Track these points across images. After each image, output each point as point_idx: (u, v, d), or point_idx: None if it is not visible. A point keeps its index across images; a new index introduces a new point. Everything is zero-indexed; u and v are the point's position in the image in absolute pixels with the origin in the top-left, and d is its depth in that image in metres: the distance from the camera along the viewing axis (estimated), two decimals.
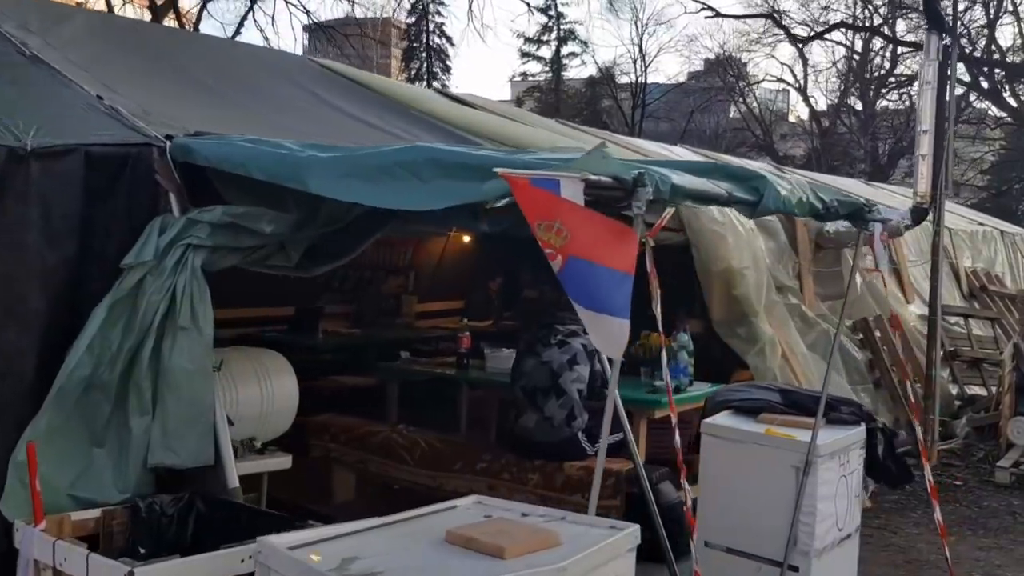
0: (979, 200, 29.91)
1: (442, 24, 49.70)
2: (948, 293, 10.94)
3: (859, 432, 4.05)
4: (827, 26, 29.70)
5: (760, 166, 10.39)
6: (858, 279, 8.25)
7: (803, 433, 3.82)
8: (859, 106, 35.03)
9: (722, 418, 4.07)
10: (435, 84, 48.84)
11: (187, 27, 25.18)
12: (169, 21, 23.74)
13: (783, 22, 30.74)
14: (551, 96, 46.70)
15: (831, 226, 7.75)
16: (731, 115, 37.72)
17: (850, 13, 30.29)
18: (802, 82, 35.12)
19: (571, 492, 4.96)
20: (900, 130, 34.75)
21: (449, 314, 10.25)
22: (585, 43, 55.85)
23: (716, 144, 36.93)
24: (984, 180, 31.92)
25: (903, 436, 5.22)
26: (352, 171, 3.02)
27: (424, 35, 48.99)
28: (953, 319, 10.15)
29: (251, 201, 3.34)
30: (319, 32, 27.94)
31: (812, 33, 30.37)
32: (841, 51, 33.40)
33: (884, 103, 34.58)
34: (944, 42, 7.28)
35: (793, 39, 30.51)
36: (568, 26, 45.40)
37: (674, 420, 3.36)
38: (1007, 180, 30.00)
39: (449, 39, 50.84)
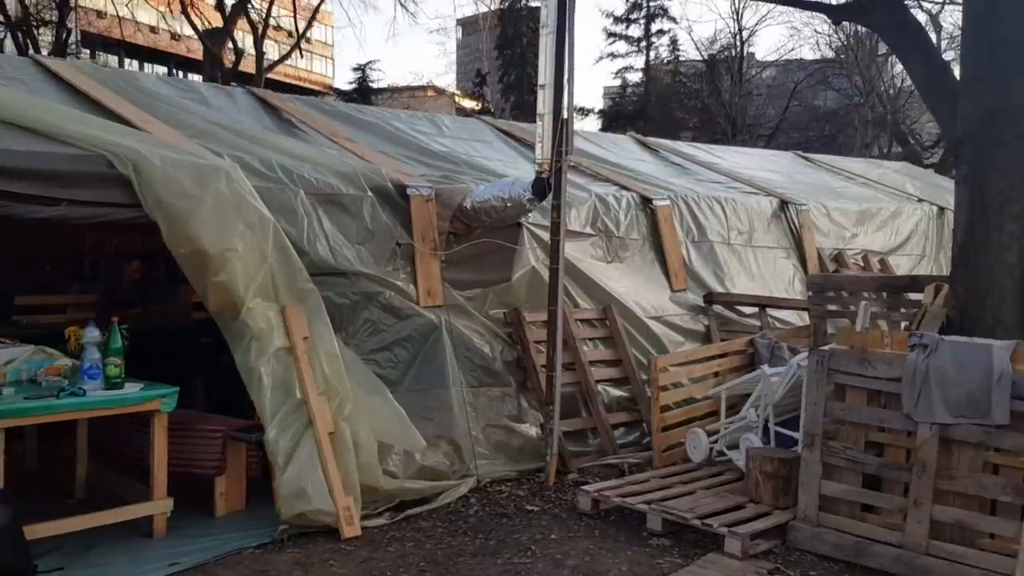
0: None
1: (536, 8, 49.12)
2: (776, 280, 9.47)
3: None
4: None
5: None
6: (532, 263, 7.09)
7: None
8: None
9: None
10: (528, 70, 48.51)
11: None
12: None
13: None
14: (642, 76, 45.25)
15: (471, 201, 6.70)
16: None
17: None
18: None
19: None
20: None
21: None
22: (675, 19, 53.83)
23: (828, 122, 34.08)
24: None
25: None
26: None
27: (517, 21, 48.65)
28: (749, 309, 8.71)
29: None
30: None
31: None
32: None
33: None
34: None
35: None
36: (659, 1, 43.83)
37: None
38: None
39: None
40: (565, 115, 6.12)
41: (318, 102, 9.88)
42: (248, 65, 27.23)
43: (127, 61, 46.91)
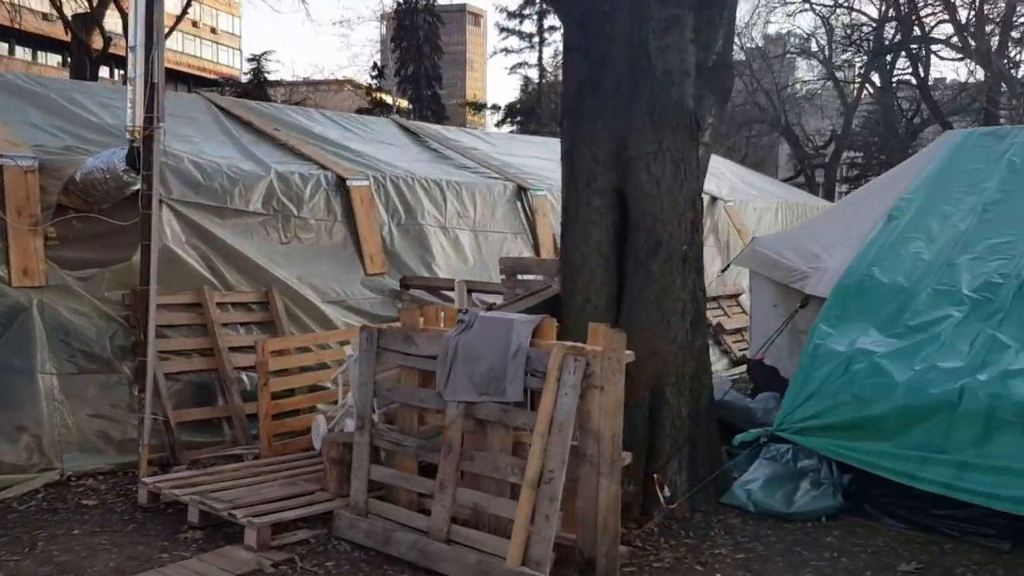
0: None
1: (432, 2, 48.54)
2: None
3: None
4: None
5: None
6: (167, 241, 6.65)
7: None
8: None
9: None
10: (425, 64, 47.88)
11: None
12: None
13: None
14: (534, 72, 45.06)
15: (80, 173, 6.23)
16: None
17: None
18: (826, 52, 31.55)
19: None
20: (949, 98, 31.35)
21: None
22: None
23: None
24: None
25: None
26: None
27: (413, 14, 47.93)
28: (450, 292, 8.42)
29: None
30: None
31: None
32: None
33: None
34: None
35: None
36: None
37: None
38: None
39: (438, 16, 49.56)
40: (156, 79, 5.71)
41: None
42: (121, 50, 26.05)
43: (20, 49, 44.84)
